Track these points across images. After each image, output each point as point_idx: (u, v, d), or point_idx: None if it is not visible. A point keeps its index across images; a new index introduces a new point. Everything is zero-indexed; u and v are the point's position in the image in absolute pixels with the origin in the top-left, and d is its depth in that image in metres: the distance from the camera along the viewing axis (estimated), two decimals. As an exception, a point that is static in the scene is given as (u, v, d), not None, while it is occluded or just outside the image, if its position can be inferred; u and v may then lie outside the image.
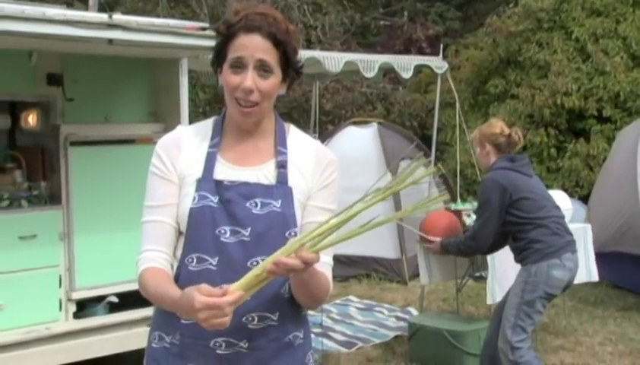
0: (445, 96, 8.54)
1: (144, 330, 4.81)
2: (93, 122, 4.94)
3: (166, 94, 5.15)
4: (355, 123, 9.41)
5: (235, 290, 1.66)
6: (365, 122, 9.37)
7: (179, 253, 1.92)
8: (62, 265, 4.73)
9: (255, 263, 1.81)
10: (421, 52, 13.76)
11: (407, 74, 6.52)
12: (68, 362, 4.55)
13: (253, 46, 1.83)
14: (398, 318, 6.62)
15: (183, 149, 1.95)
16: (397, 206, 8.17)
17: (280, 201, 1.87)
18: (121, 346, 4.76)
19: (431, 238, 4.91)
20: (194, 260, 1.87)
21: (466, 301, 6.74)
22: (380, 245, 8.06)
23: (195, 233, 1.87)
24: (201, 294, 1.63)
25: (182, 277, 1.87)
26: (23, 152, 4.94)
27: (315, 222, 1.85)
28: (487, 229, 4.25)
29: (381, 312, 6.83)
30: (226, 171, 1.91)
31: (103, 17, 4.24)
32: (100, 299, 4.90)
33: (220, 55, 1.89)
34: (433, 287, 7.09)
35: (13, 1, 4.84)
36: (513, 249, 4.39)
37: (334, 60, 5.91)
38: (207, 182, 1.88)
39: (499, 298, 4.87)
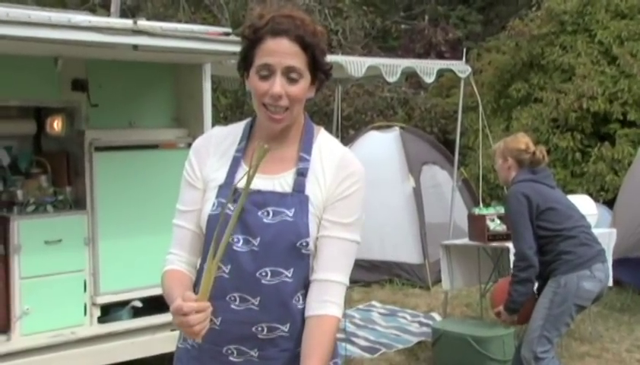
0: (467, 101, 8.49)
1: (167, 335, 4.88)
2: (118, 127, 4.97)
3: (189, 99, 5.18)
4: (377, 128, 9.41)
5: (198, 299, 1.66)
6: (387, 127, 9.37)
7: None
8: (87, 269, 4.77)
9: (263, 274, 1.81)
10: (441, 56, 13.72)
11: (429, 79, 6.49)
12: (93, 366, 4.59)
13: (281, 50, 1.79)
14: (421, 323, 6.60)
15: (212, 152, 1.94)
16: (420, 212, 8.17)
17: (293, 210, 1.82)
18: (145, 350, 4.79)
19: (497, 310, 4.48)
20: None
21: (489, 307, 6.68)
22: (403, 250, 8.05)
23: (211, 239, 1.84)
24: (179, 300, 1.66)
25: (199, 282, 1.87)
26: (48, 157, 4.99)
27: (327, 236, 1.84)
28: (529, 241, 4.07)
29: (404, 317, 6.82)
30: (245, 178, 1.87)
31: (128, 23, 4.27)
32: (125, 303, 4.94)
33: (246, 59, 1.85)
34: (456, 293, 7.05)
35: (39, 8, 4.90)
36: (541, 264, 4.17)
37: (357, 64, 5.89)
38: (227, 188, 1.87)
39: None
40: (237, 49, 4.59)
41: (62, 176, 4.91)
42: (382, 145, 8.63)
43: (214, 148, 1.95)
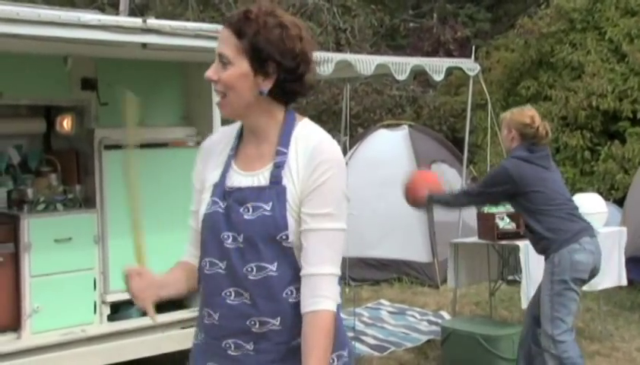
0: (476, 99, 8.47)
1: (177, 333, 4.90)
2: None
3: (198, 98, 5.19)
4: (385, 126, 9.40)
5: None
6: (396, 125, 9.36)
7: None
8: (97, 267, 4.79)
9: (249, 269, 1.84)
10: (449, 54, 13.69)
11: (438, 77, 6.47)
12: (103, 364, 4.58)
13: (220, 39, 1.89)
14: (430, 322, 6.59)
15: (214, 153, 2.00)
16: (429, 210, 8.14)
17: (270, 204, 1.84)
18: (155, 349, 4.81)
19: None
20: (207, 264, 1.92)
21: (499, 305, 6.68)
22: (411, 248, 8.05)
23: (206, 237, 1.92)
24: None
25: (202, 279, 1.96)
26: (58, 156, 5.02)
27: (307, 230, 1.83)
28: (481, 201, 4.76)
29: (413, 316, 6.81)
30: (233, 176, 1.93)
31: (137, 21, 4.28)
32: (134, 302, 4.93)
33: None
34: (465, 291, 7.04)
35: (49, 7, 4.92)
36: (531, 240, 4.48)
37: (366, 63, 5.88)
38: (220, 187, 1.93)
39: None
40: (246, 47, 4.61)
41: (72, 175, 4.94)
42: (391, 143, 8.62)
43: (217, 147, 2.01)
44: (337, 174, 1.86)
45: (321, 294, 1.82)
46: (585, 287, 5.53)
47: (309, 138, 1.89)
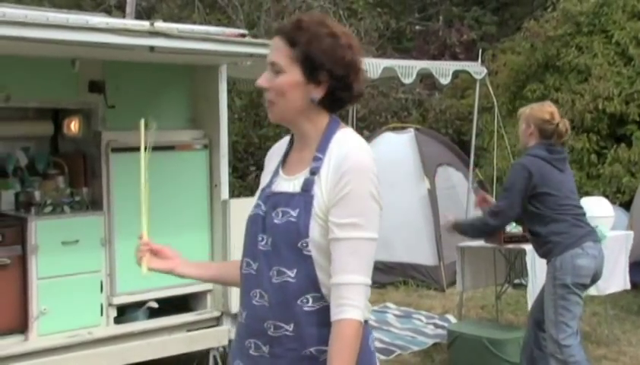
0: (482, 102, 8.48)
1: (183, 335, 4.94)
2: (134, 128, 4.95)
3: (205, 101, 5.21)
4: (392, 129, 9.41)
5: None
6: (402, 128, 9.37)
7: None
8: (103, 270, 4.79)
9: (273, 273, 1.88)
10: (455, 57, 13.69)
11: (445, 80, 6.51)
12: (109, 367, 4.62)
13: (272, 47, 1.93)
14: (436, 325, 6.61)
15: (273, 157, 2.09)
16: (435, 213, 8.16)
17: (297, 210, 1.87)
18: (161, 351, 4.83)
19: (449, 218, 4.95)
20: (245, 264, 1.99)
21: (505, 309, 6.69)
22: (418, 251, 8.05)
23: (246, 238, 2.00)
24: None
25: (241, 279, 2.01)
26: (65, 158, 5.03)
27: (334, 239, 1.84)
28: (509, 211, 4.26)
29: (419, 319, 6.82)
30: (278, 181, 2.00)
31: (145, 24, 4.30)
32: (141, 304, 4.97)
33: None
34: (471, 295, 7.04)
35: (57, 10, 4.94)
36: (533, 243, 4.45)
37: (373, 66, 5.91)
38: (266, 191, 2.01)
39: None
40: (253, 50, 4.65)
41: (79, 177, 4.94)
42: (397, 146, 8.63)
43: (273, 156, 2.09)
44: (362, 183, 1.84)
45: (346, 303, 1.82)
46: (593, 292, 5.57)
47: (342, 145, 1.90)
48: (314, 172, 1.89)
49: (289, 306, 1.87)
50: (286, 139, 2.09)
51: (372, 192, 1.86)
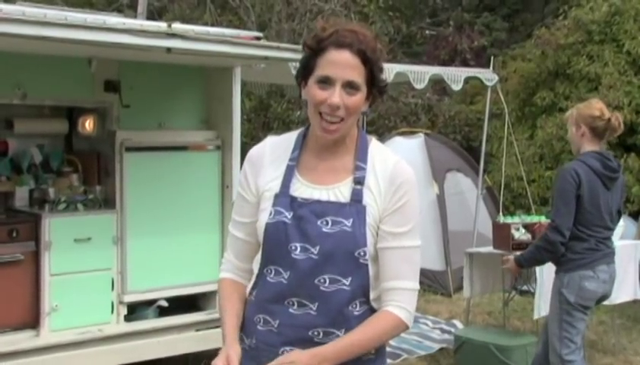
0: (491, 108, 8.50)
1: (192, 334, 4.97)
2: (148, 128, 5.05)
3: (218, 102, 5.26)
4: (401, 134, 9.45)
5: None
6: (412, 133, 9.41)
7: (258, 263, 2.02)
8: (115, 268, 4.84)
9: (322, 280, 1.87)
10: (465, 63, 13.72)
11: (456, 86, 6.54)
12: (119, 364, 4.65)
13: (343, 62, 1.85)
14: (443, 330, 6.62)
15: (267, 162, 2.00)
16: (443, 219, 8.19)
17: (351, 220, 1.88)
18: (170, 350, 4.88)
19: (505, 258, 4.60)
20: (272, 272, 1.94)
21: (512, 315, 6.70)
22: (425, 256, 7.94)
23: (271, 246, 1.94)
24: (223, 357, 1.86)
25: (261, 286, 1.97)
26: (79, 157, 5.09)
27: (386, 248, 1.90)
28: (566, 216, 3.96)
29: (425, 324, 6.82)
30: (301, 188, 1.95)
31: (162, 26, 4.34)
32: (151, 303, 5.02)
33: (306, 68, 1.92)
34: (478, 301, 7.06)
35: (73, 10, 4.99)
36: None
37: (385, 70, 5.90)
38: (284, 197, 1.94)
39: (544, 313, 4.80)
40: (268, 53, 4.67)
41: (93, 176, 5.01)
42: (407, 151, 8.59)
43: (269, 157, 2.00)
44: (414, 195, 1.94)
45: (396, 305, 1.91)
46: (604, 301, 5.53)
47: (386, 157, 1.96)
48: (359, 181, 1.92)
49: (342, 312, 1.89)
50: (274, 144, 2.03)
51: (418, 204, 1.97)
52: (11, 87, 4.51)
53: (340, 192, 1.92)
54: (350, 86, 1.86)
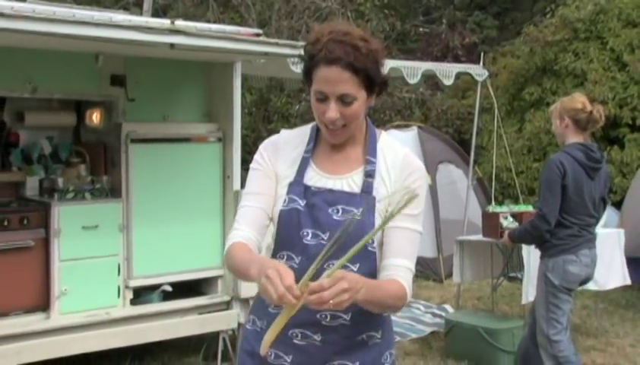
0: (482, 102, 8.72)
1: (195, 318, 5.08)
2: (152, 121, 5.14)
3: (220, 96, 5.34)
4: (396, 127, 9.61)
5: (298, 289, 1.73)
6: (406, 126, 9.55)
7: (270, 247, 2.04)
8: (121, 254, 4.93)
9: (330, 265, 1.83)
10: (457, 59, 13.88)
11: (448, 81, 6.70)
12: (125, 345, 4.79)
13: (333, 79, 1.89)
14: (434, 314, 6.75)
15: (282, 152, 2.06)
16: (435, 208, 8.39)
17: (361, 210, 1.93)
18: (173, 332, 4.99)
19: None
20: (285, 257, 1.99)
21: (500, 300, 6.85)
22: (418, 244, 8.21)
23: (284, 233, 1.99)
24: (279, 269, 1.72)
25: None
26: (87, 148, 5.19)
27: (394, 227, 1.94)
28: (552, 205, 4.12)
29: (418, 308, 6.96)
30: (315, 177, 2.01)
31: (166, 22, 4.43)
32: (155, 287, 5.11)
33: (307, 78, 1.99)
34: (468, 286, 7.21)
35: (81, 7, 5.11)
36: None
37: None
38: (298, 185, 2.00)
39: (532, 298, 4.94)
40: (267, 49, 4.82)
41: (100, 166, 5.10)
42: (401, 144, 8.74)
43: (284, 147, 2.07)
44: (424, 184, 2.04)
45: (400, 278, 1.95)
46: (593, 287, 5.68)
47: (395, 149, 2.05)
48: (370, 175, 1.98)
49: None
50: (291, 135, 2.09)
51: (424, 195, 2.05)
52: (21, 81, 4.59)
53: (353, 181, 2.00)
54: (344, 98, 1.90)
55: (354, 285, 1.73)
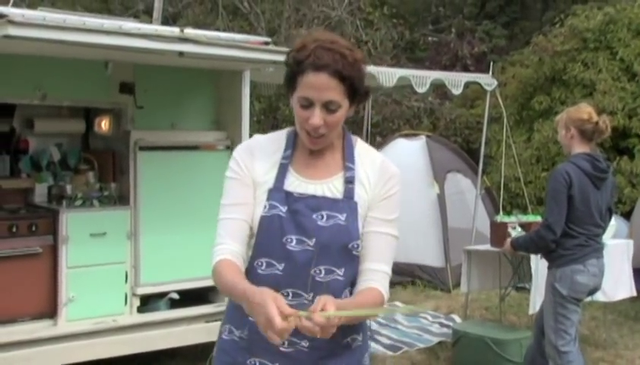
0: (490, 112, 8.72)
1: (202, 326, 5.07)
2: (161, 128, 5.17)
3: (228, 104, 5.36)
4: (404, 135, 9.60)
5: (292, 320, 1.70)
6: (414, 135, 9.54)
7: (248, 255, 2.01)
8: (129, 261, 4.96)
9: (318, 271, 1.93)
10: (466, 68, 13.90)
11: (457, 91, 6.70)
12: (131, 352, 4.79)
13: (320, 85, 1.90)
14: (442, 324, 6.74)
15: (257, 157, 2.04)
16: (443, 217, 8.37)
17: (345, 215, 1.96)
18: (180, 340, 5.00)
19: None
20: (264, 264, 1.98)
21: (508, 310, 6.82)
22: (426, 253, 8.20)
23: (265, 239, 1.97)
24: (274, 304, 1.69)
25: (251, 279, 1.93)
26: (95, 155, 5.23)
27: (373, 231, 2.00)
28: (558, 215, 4.10)
29: (425, 318, 6.95)
30: (295, 182, 2.01)
31: (175, 31, 4.47)
32: (162, 295, 5.12)
33: (289, 84, 1.98)
34: (476, 296, 7.18)
35: (92, 15, 5.14)
36: None
37: (388, 75, 6.10)
38: (278, 192, 1.99)
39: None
40: (276, 57, 4.84)
41: (108, 173, 5.14)
42: (409, 152, 8.77)
43: (259, 153, 2.04)
44: (400, 190, 2.07)
45: (378, 284, 2.00)
46: (602, 298, 5.64)
47: (373, 155, 2.08)
48: (350, 181, 2.01)
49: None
50: (268, 140, 2.08)
51: (400, 200, 2.07)
52: (31, 88, 4.63)
53: (334, 186, 2.01)
54: (329, 105, 1.92)
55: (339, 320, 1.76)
